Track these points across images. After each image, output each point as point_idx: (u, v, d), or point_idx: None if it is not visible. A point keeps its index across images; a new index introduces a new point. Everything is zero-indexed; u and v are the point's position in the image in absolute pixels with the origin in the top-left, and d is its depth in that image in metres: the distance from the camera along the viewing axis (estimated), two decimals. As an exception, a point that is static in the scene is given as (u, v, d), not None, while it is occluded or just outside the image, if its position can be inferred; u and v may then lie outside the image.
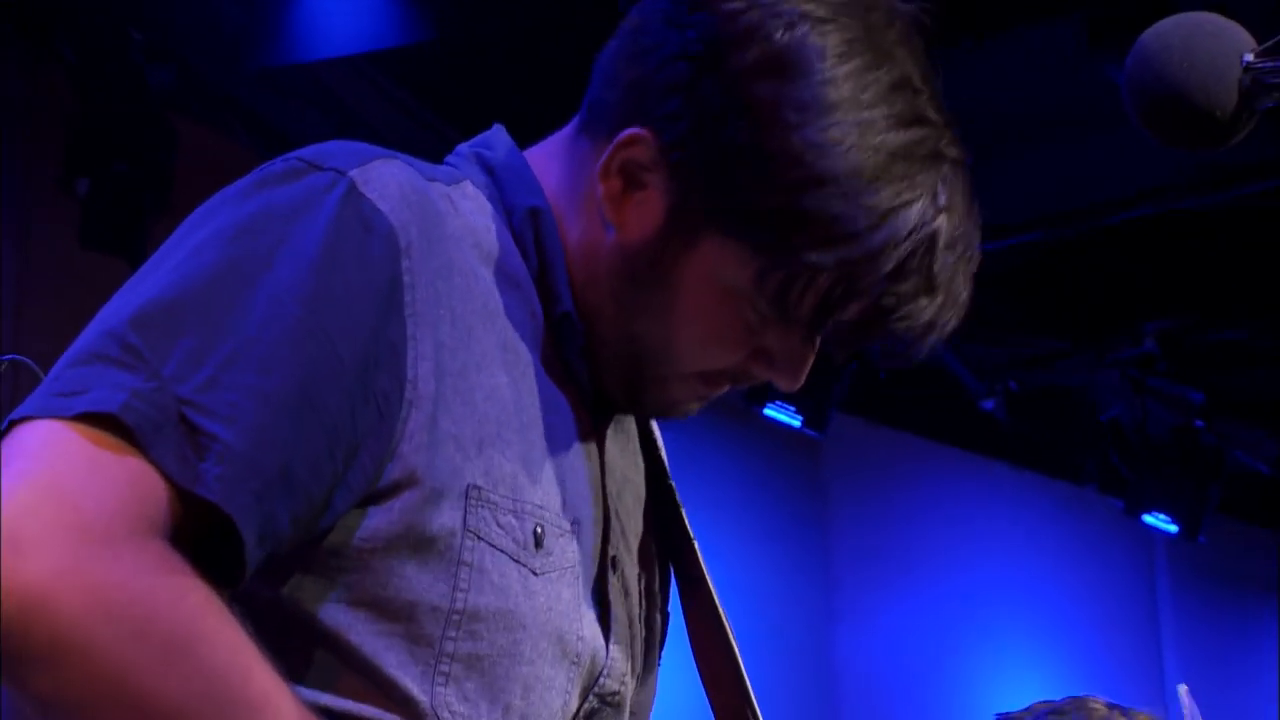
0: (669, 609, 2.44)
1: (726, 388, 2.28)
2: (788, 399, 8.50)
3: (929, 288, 2.14)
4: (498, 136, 2.31)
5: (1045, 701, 3.91)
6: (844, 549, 9.57)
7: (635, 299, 2.18)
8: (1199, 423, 9.55)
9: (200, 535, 1.86)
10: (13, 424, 1.86)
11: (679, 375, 2.24)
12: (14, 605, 1.75)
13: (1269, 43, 2.08)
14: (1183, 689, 3.15)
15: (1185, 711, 3.08)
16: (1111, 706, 3.75)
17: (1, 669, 1.79)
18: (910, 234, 2.10)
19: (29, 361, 4.19)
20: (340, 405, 1.94)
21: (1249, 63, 2.08)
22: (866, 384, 8.77)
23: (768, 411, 8.57)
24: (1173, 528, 9.67)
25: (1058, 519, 10.26)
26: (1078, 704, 3.83)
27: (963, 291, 2.17)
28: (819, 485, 9.55)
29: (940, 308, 2.16)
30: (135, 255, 6.57)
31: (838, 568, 9.53)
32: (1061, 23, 6.88)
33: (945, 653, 9.57)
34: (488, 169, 2.26)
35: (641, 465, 2.39)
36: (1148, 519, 9.69)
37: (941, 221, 2.12)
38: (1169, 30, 2.11)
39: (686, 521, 2.45)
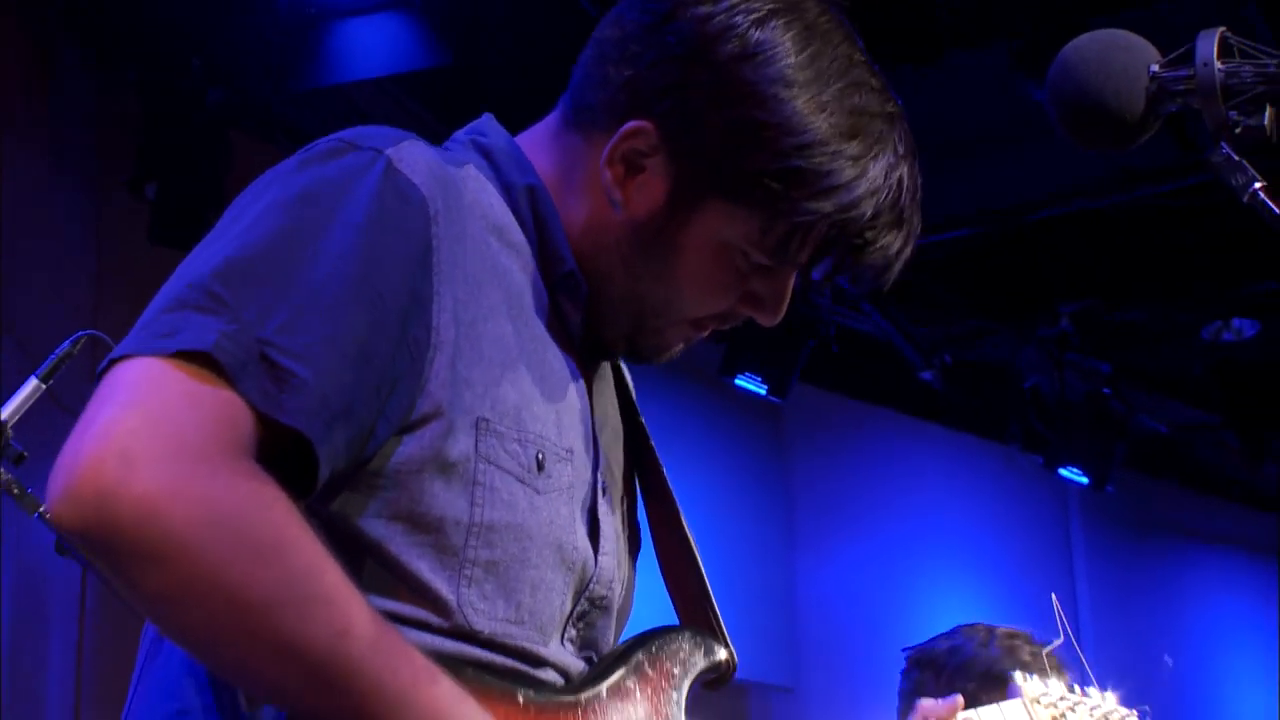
0: (639, 526, 2.49)
1: (710, 330, 2.33)
2: (755, 370, 8.49)
3: (898, 223, 2.22)
4: (490, 125, 2.35)
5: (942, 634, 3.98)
6: (803, 498, 9.57)
7: (644, 264, 2.23)
8: (1107, 390, 9.55)
9: (273, 457, 1.89)
10: (113, 361, 1.89)
11: (675, 323, 2.29)
12: (128, 514, 1.77)
13: (1172, 55, 2.09)
14: (1053, 597, 3.20)
15: (1056, 614, 3.13)
16: (989, 628, 3.79)
17: (115, 570, 1.82)
18: (885, 179, 2.18)
19: (105, 336, 4.16)
20: (386, 350, 1.98)
21: (1155, 72, 2.09)
22: (823, 357, 8.76)
23: (738, 382, 8.54)
24: (1084, 479, 9.67)
25: (986, 472, 10.27)
26: (964, 629, 3.87)
27: (918, 223, 2.25)
28: (782, 445, 9.54)
29: (905, 238, 2.24)
30: (196, 249, 6.58)
31: (798, 514, 9.53)
32: (989, 51, 6.88)
33: (890, 585, 9.58)
34: (484, 153, 2.28)
35: (617, 405, 2.44)
36: (1063, 472, 9.69)
37: (904, 167, 2.22)
38: (1086, 44, 2.13)
39: (655, 451, 2.49)
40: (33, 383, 4.18)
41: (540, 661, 2.16)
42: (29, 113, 6.75)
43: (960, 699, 2.83)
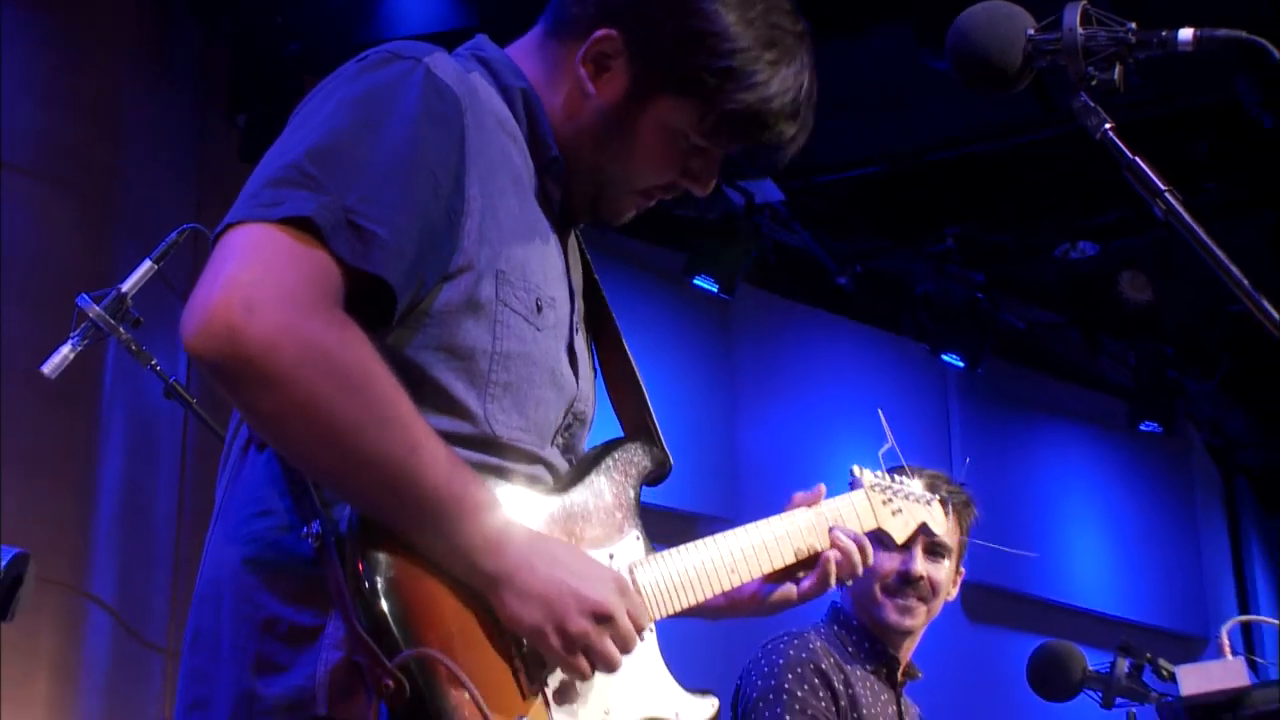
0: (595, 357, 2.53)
1: (657, 200, 2.36)
2: (709, 273, 8.47)
3: (795, 115, 2.26)
4: (485, 42, 2.37)
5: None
6: (744, 374, 9.59)
7: (608, 143, 2.25)
8: (980, 295, 9.57)
9: (353, 304, 1.93)
10: (228, 227, 1.92)
11: (629, 192, 2.32)
12: (251, 349, 1.82)
13: (1043, 23, 2.12)
14: (880, 411, 3.27)
15: (884, 426, 3.21)
16: (916, 468, 3.79)
17: (236, 393, 1.87)
18: (794, 81, 2.23)
19: (205, 229, 4.15)
20: (438, 216, 2.02)
21: (1030, 36, 2.12)
22: (762, 264, 8.79)
23: (695, 281, 8.53)
24: (961, 364, 9.71)
25: (884, 357, 10.29)
26: (908, 470, 3.86)
27: (811, 120, 2.30)
28: (729, 333, 9.55)
29: (800, 130, 2.28)
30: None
31: (740, 386, 9.55)
32: (896, 26, 6.86)
33: (809, 442, 9.61)
34: (484, 63, 2.29)
35: (580, 266, 2.46)
36: (944, 357, 9.72)
37: (806, 74, 2.26)
38: (978, 13, 2.17)
39: (606, 299, 2.52)
40: (147, 264, 4.19)
41: (540, 460, 2.21)
42: (146, 57, 6.72)
43: (823, 486, 2.91)
